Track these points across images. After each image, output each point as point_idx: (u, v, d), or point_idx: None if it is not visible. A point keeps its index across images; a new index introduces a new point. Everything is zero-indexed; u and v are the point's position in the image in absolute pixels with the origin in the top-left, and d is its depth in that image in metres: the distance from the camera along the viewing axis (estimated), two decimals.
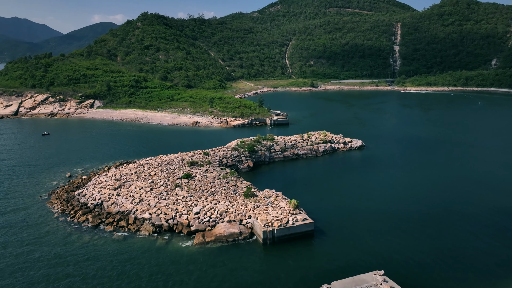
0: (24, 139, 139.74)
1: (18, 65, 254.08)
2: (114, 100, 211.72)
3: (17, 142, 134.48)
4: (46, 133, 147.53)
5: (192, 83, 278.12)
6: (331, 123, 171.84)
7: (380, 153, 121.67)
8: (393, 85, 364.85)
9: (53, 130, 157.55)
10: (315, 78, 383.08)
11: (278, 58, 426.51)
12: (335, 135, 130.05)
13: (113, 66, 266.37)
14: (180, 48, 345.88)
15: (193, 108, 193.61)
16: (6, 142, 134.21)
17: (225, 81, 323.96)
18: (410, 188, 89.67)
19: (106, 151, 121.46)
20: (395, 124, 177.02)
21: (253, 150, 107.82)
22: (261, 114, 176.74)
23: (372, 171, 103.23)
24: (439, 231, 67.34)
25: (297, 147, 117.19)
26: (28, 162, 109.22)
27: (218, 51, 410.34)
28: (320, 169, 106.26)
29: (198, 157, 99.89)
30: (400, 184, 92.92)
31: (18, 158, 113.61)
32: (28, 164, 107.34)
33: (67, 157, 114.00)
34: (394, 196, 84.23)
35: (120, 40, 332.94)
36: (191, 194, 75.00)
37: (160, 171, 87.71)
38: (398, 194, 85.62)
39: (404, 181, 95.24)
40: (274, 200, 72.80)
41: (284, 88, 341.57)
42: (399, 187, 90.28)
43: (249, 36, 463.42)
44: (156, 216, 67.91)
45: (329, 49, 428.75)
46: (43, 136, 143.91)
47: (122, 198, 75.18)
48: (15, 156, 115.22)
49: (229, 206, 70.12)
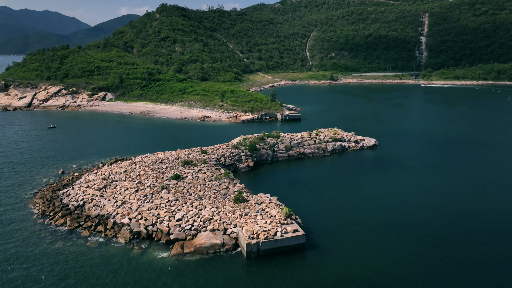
0: (29, 132, 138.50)
1: (36, 57, 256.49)
2: (126, 92, 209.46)
3: (21, 135, 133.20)
4: (52, 126, 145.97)
5: (207, 76, 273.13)
6: (345, 119, 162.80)
7: (394, 153, 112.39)
8: (417, 78, 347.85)
9: (61, 123, 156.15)
10: (335, 71, 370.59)
11: (298, 50, 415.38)
12: (346, 133, 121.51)
13: (128, 58, 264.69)
14: (198, 40, 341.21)
15: (204, 102, 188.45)
16: (10, 134, 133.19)
17: (241, 74, 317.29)
18: (425, 195, 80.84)
19: (107, 146, 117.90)
20: (415, 121, 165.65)
21: (255, 149, 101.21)
22: (272, 109, 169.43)
23: (383, 173, 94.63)
24: (455, 246, 58.94)
25: (303, 146, 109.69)
26: (25, 156, 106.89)
27: (237, 43, 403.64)
28: (326, 171, 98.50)
29: (194, 155, 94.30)
30: (414, 189, 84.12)
31: (16, 151, 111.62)
32: (24, 158, 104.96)
33: (65, 152, 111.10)
34: (406, 203, 75.80)
35: (137, 32, 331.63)
36: (176, 197, 69.45)
37: (151, 170, 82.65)
38: (411, 201, 77.07)
39: (419, 186, 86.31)
40: (265, 207, 66.21)
41: (302, 81, 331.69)
42: (412, 193, 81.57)
43: (269, 27, 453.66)
44: (135, 222, 62.79)
45: (352, 41, 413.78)
46: (49, 129, 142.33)
47: (105, 200, 70.55)
48: (14, 150, 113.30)
49: (215, 213, 64.12)
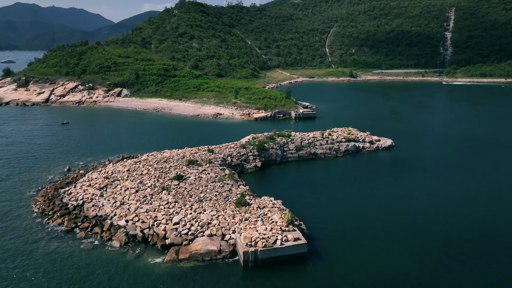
0: (43, 127, 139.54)
1: (56, 53, 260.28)
2: (141, 88, 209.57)
3: (34, 130, 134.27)
4: (66, 122, 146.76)
5: (223, 72, 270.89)
6: (362, 118, 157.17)
7: (411, 155, 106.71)
8: (441, 75, 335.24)
9: (75, 118, 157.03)
10: (355, 67, 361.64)
11: (318, 47, 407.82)
12: (361, 133, 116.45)
13: (145, 54, 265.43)
14: (215, 36, 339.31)
15: (218, 99, 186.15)
16: (24, 129, 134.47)
17: (258, 70, 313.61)
18: (443, 201, 75.57)
19: (116, 143, 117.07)
20: (436, 121, 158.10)
21: (263, 148, 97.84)
22: (286, 107, 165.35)
23: (398, 177, 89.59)
24: (474, 262, 54.14)
25: (314, 146, 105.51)
26: (35, 151, 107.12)
27: (255, 39, 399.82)
28: (337, 173, 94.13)
29: (201, 154, 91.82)
30: (431, 195, 78.87)
31: (26, 147, 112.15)
32: (33, 154, 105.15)
33: (74, 148, 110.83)
34: (422, 211, 70.90)
35: (155, 28, 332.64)
36: (176, 199, 66.99)
37: (154, 169, 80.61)
38: (427, 208, 72.07)
39: (436, 192, 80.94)
40: (267, 212, 62.92)
41: (320, 78, 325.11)
42: (429, 200, 76.41)
43: (288, 23, 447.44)
44: (131, 224, 60.70)
45: (373, 37, 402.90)
46: (62, 125, 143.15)
47: (105, 200, 68.88)
48: (25, 145, 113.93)
49: (214, 217, 61.29)
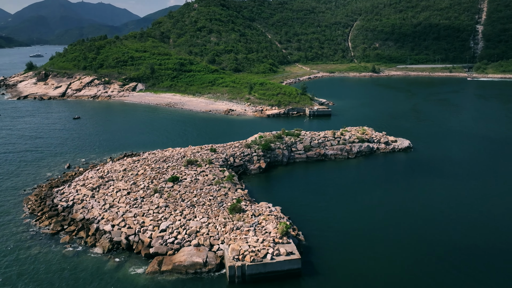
0: (54, 122, 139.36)
1: (76, 47, 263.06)
2: (156, 83, 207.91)
3: (44, 124, 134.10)
4: (77, 117, 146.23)
5: (240, 67, 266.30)
6: (381, 116, 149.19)
7: (430, 158, 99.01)
8: (470, 71, 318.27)
9: (87, 113, 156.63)
10: (379, 62, 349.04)
11: (340, 41, 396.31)
12: (376, 133, 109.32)
13: (162, 48, 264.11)
14: (235, 30, 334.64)
15: (231, 94, 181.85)
16: (34, 124, 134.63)
17: (277, 65, 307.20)
18: (463, 211, 68.49)
19: (122, 139, 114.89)
20: (461, 120, 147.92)
21: (269, 148, 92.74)
22: (301, 103, 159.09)
23: (413, 182, 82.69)
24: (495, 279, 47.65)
25: (325, 146, 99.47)
26: (41, 146, 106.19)
27: (275, 33, 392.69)
28: (346, 176, 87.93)
29: (202, 153, 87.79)
30: (449, 203, 71.78)
31: (34, 141, 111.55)
32: (39, 148, 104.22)
33: (79, 144, 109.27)
34: (438, 221, 64.24)
35: (174, 22, 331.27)
36: (167, 203, 63.12)
37: (151, 170, 77.16)
38: (444, 218, 65.32)
39: (455, 200, 73.68)
40: (262, 220, 58.08)
41: (341, 73, 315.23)
42: (447, 208, 69.44)
43: (310, 16, 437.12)
44: (117, 230, 57.28)
45: (398, 30, 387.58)
46: (73, 120, 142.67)
47: (95, 201, 65.88)
48: (32, 140, 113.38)
49: (204, 224, 57.01)
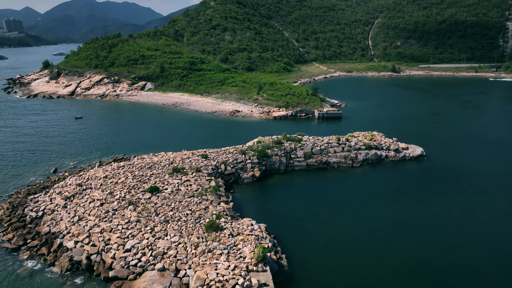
0: (55, 121, 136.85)
1: (90, 46, 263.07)
2: (165, 82, 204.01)
3: (45, 124, 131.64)
4: (79, 117, 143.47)
5: (253, 66, 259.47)
6: (395, 120, 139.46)
7: (444, 168, 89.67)
8: (499, 71, 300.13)
9: (91, 113, 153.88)
10: (400, 61, 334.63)
11: (360, 39, 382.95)
12: (385, 139, 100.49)
13: (175, 47, 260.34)
14: (250, 28, 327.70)
15: (240, 94, 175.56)
16: (35, 124, 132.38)
17: (293, 64, 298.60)
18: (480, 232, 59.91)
19: (118, 142, 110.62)
20: (483, 125, 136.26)
21: (265, 155, 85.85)
22: (311, 105, 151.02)
23: (422, 197, 74.17)
24: None
25: (327, 153, 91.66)
26: (34, 147, 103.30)
27: (293, 31, 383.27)
28: (348, 187, 80.00)
29: (193, 160, 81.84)
30: (464, 223, 63.27)
31: (29, 142, 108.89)
32: (32, 150, 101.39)
33: (74, 146, 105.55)
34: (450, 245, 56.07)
35: (189, 20, 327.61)
36: (139, 218, 57.41)
37: (133, 177, 71.80)
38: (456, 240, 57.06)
39: (472, 218, 65.01)
40: (240, 241, 51.52)
41: (360, 72, 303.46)
42: (460, 229, 61.05)
43: (329, 14, 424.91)
44: (79, 247, 51.98)
45: (421, 28, 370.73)
46: (75, 120, 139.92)
47: (66, 213, 60.96)
48: (28, 140, 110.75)
49: (174, 244, 50.92)
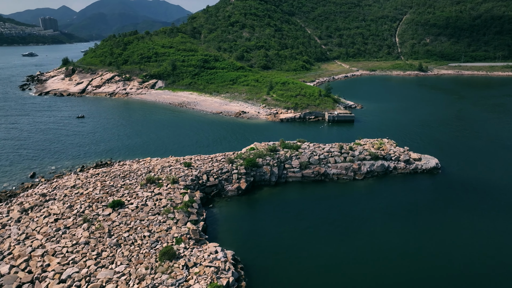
0: (56, 120, 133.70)
1: (107, 43, 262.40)
2: (176, 80, 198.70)
3: (45, 123, 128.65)
4: (81, 116, 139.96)
5: (270, 64, 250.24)
6: (412, 124, 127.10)
7: (461, 184, 78.10)
8: None
9: (95, 112, 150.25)
10: (428, 59, 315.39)
11: (386, 36, 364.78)
12: (396, 148, 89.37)
13: (190, 44, 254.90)
14: (270, 25, 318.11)
15: (250, 94, 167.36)
16: (35, 122, 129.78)
17: (313, 62, 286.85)
18: (501, 264, 49.31)
19: (112, 143, 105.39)
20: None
21: (254, 165, 77.31)
22: (321, 106, 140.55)
23: (431, 219, 63.55)
24: None
25: (327, 163, 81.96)
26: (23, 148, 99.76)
27: (315, 28, 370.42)
28: (346, 205, 70.09)
29: (174, 168, 74.53)
30: (481, 253, 52.66)
31: (21, 141, 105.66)
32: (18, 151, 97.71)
33: (62, 147, 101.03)
34: (465, 275, 46.11)
35: (208, 17, 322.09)
36: (89, 239, 50.53)
37: (102, 188, 65.28)
38: (472, 275, 46.86)
39: (492, 247, 54.20)
40: (194, 275, 43.52)
41: (384, 71, 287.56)
42: (477, 260, 50.60)
43: (355, 10, 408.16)
44: (13, 274, 45.59)
45: (454, 24, 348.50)
46: (77, 119, 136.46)
47: (16, 228, 55.04)
48: (18, 140, 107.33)
49: (115, 276, 43.58)
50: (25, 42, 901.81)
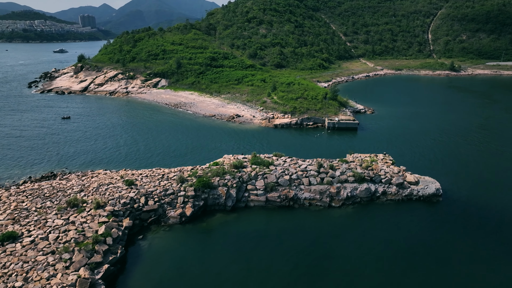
0: (40, 121, 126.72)
1: (119, 40, 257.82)
2: (180, 79, 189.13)
3: (27, 124, 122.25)
4: (67, 117, 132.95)
5: (284, 62, 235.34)
6: (424, 135, 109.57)
7: (468, 216, 61.69)
8: None
9: (84, 112, 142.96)
10: (464, 58, 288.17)
11: (418, 32, 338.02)
12: (389, 168, 73.55)
13: (202, 41, 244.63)
14: (291, 21, 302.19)
15: (251, 96, 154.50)
16: (18, 122, 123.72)
17: (333, 60, 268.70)
18: None
19: (78, 150, 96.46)
20: None
21: (207, 186, 64.70)
22: (322, 111, 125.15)
23: (429, 267, 48.59)
24: None
25: (299, 185, 67.90)
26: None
27: (341, 24, 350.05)
28: (315, 240, 55.95)
29: (113, 187, 63.49)
30: None
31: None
32: None
33: (25, 153, 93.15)
34: None
35: (225, 13, 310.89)
36: None
37: (12, 210, 55.25)
38: None
39: None
40: None
41: (411, 70, 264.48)
42: None
43: (385, 5, 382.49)
44: None
45: (495, 19, 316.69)
46: (62, 120, 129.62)
47: None
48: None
49: None
50: (64, 38, 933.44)
